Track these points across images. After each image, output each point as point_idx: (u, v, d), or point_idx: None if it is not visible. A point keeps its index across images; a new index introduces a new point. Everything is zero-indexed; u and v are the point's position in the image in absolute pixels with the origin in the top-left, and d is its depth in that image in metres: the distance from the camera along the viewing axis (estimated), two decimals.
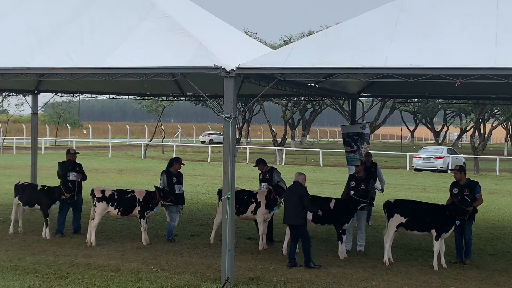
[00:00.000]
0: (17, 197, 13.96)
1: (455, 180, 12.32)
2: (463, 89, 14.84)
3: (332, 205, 12.39)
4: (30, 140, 20.03)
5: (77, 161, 14.43)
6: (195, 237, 13.90)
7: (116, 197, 12.96)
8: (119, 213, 13.00)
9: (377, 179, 15.21)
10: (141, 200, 12.95)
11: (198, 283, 9.94)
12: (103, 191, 13.01)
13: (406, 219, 11.85)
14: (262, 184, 13.62)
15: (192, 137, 75.19)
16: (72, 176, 14.11)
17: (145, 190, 13.23)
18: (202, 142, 66.22)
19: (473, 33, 9.56)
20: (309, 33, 44.25)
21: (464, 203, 11.73)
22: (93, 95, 20.49)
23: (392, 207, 12.03)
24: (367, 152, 15.85)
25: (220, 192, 13.08)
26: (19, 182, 14.34)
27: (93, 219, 12.90)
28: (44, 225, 13.57)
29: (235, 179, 10.10)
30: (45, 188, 13.91)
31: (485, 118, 44.26)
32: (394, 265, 11.65)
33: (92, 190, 13.15)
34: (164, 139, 52.29)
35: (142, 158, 43.15)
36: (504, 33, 9.34)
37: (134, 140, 62.84)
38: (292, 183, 11.59)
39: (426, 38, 9.67)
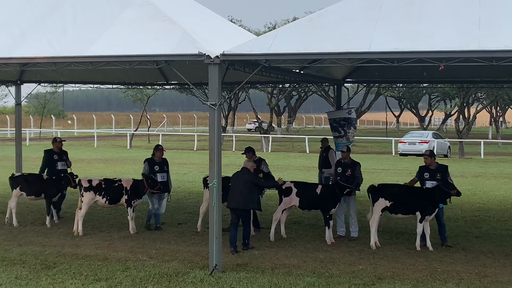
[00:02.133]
0: (18, 188, 13.84)
1: (423, 165, 12.41)
2: (447, 73, 14.88)
3: (318, 191, 12.44)
4: (14, 132, 19.86)
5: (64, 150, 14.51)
6: (183, 225, 13.90)
7: (103, 186, 12.92)
8: (106, 202, 12.96)
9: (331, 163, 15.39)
10: (128, 188, 12.93)
11: (186, 270, 9.95)
12: (90, 181, 12.96)
13: (390, 202, 11.93)
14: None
15: (178, 126, 75.00)
16: (60, 165, 14.28)
17: (132, 179, 13.20)
18: (249, 129, 68.09)
19: (457, 16, 9.57)
20: (294, 20, 44.15)
21: (448, 186, 11.83)
22: (77, 85, 20.35)
23: (376, 191, 12.11)
24: (323, 138, 15.97)
25: (205, 180, 13.07)
26: (19, 173, 14.26)
27: (80, 209, 12.85)
28: (49, 215, 13.75)
29: (221, 167, 10.10)
30: (53, 177, 13.99)
31: (470, 102, 44.47)
32: (381, 249, 11.74)
33: (79, 180, 13.10)
34: (149, 129, 52.11)
35: (128, 147, 43.00)
36: (487, 16, 9.35)
37: (120, 130, 62.58)
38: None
39: (409, 22, 9.68)
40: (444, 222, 12.33)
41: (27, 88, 20.73)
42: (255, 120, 70.83)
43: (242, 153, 13.82)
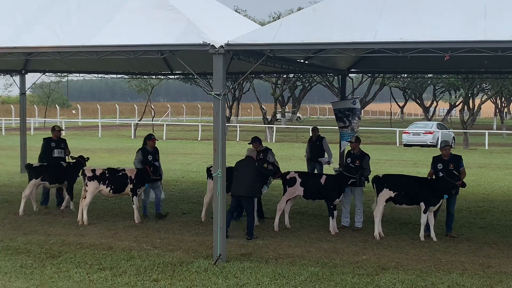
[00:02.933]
0: (39, 178, 13.91)
1: (437, 155, 12.39)
2: (452, 63, 14.84)
3: (323, 181, 12.44)
4: (18, 121, 19.91)
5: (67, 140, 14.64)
6: (187, 215, 13.93)
7: (107, 175, 12.97)
8: (111, 191, 13.00)
9: (325, 152, 15.59)
10: (133, 178, 12.98)
11: (190, 260, 9.98)
12: (93, 170, 13.00)
13: (395, 193, 11.93)
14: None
15: (182, 116, 75.00)
16: (57, 152, 14.52)
17: (136, 168, 13.22)
18: (297, 119, 69.71)
19: (462, 6, 9.52)
20: (299, 10, 44.02)
21: (453, 177, 11.81)
22: (81, 75, 20.40)
23: (380, 182, 12.10)
24: (314, 127, 16.10)
25: (209, 170, 13.08)
26: (38, 163, 14.36)
27: (85, 198, 12.89)
28: (70, 200, 14.31)
29: (225, 157, 10.10)
30: (71, 164, 14.35)
31: (474, 93, 44.32)
32: (385, 239, 11.75)
33: (83, 170, 13.14)
34: (154, 119, 52.14)
35: (132, 137, 43.03)
36: (493, 6, 9.30)
37: (124, 120, 62.64)
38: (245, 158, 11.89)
39: (415, 12, 9.63)
40: (454, 212, 12.29)
41: (32, 78, 20.80)
42: (292, 110, 73.15)
43: (249, 143, 13.83)
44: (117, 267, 9.58)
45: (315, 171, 15.26)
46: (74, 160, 14.47)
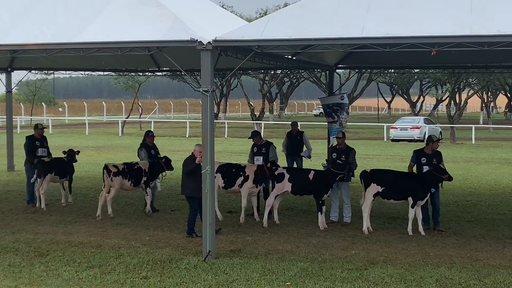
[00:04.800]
0: (52, 173, 14.13)
1: (419, 149, 12.47)
2: (439, 58, 14.90)
3: (311, 176, 12.47)
4: (5, 119, 19.77)
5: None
6: (176, 212, 13.91)
7: (126, 170, 13.36)
8: (131, 185, 13.40)
9: (304, 146, 15.66)
10: (147, 171, 13.42)
11: (180, 257, 9.97)
12: (116, 166, 13.37)
13: (382, 188, 11.98)
14: (256, 157, 13.53)
15: (170, 113, 74.81)
16: (40, 151, 14.50)
17: (148, 162, 13.57)
18: (315, 115, 70.97)
19: (449, 1, 9.55)
20: (285, 5, 43.99)
21: (439, 172, 11.88)
22: (67, 72, 20.30)
23: (368, 177, 12.15)
24: (293, 121, 16.22)
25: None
26: (46, 158, 14.44)
27: (108, 192, 13.25)
28: (69, 194, 14.64)
29: (214, 153, 10.09)
30: (66, 157, 14.58)
31: (461, 87, 44.56)
32: (373, 234, 11.80)
33: (106, 166, 13.41)
34: (141, 116, 51.96)
35: (120, 135, 42.87)
36: (479, 1, 9.35)
37: (111, 117, 62.38)
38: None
39: (401, 7, 9.66)
40: (439, 206, 12.39)
41: (18, 76, 20.65)
42: (320, 106, 74.11)
43: (249, 137, 13.90)
44: (106, 264, 9.55)
45: (294, 165, 15.33)
46: (66, 155, 14.55)
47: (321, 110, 72.91)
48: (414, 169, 12.48)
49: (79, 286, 8.57)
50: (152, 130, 14.44)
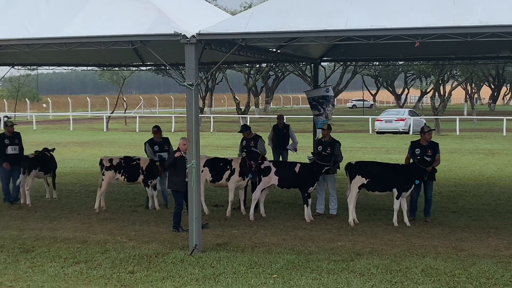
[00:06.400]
0: (37, 169, 14.11)
1: (415, 140, 12.52)
2: (422, 50, 14.99)
3: (297, 169, 12.49)
4: None
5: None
6: (162, 206, 13.86)
7: (123, 164, 13.27)
8: (125, 179, 13.32)
9: (290, 139, 15.67)
10: (144, 168, 13.20)
11: (166, 251, 9.96)
12: (111, 160, 13.29)
13: (367, 180, 12.03)
14: (245, 151, 13.51)
15: (155, 108, 74.55)
16: (10, 149, 14.18)
17: (150, 159, 13.35)
18: (350, 107, 77.35)
19: None
20: None
21: (424, 163, 11.95)
22: (51, 68, 20.11)
23: (353, 169, 12.20)
24: (279, 114, 16.27)
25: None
26: (34, 153, 14.39)
27: (101, 187, 13.20)
28: (53, 190, 14.70)
29: (199, 147, 10.07)
30: (47, 154, 14.58)
31: (445, 79, 44.80)
32: (359, 225, 11.85)
33: (101, 160, 13.40)
34: (126, 111, 51.73)
35: (105, 130, 42.66)
36: None
37: (96, 112, 62.05)
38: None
39: (385, 0, 9.69)
40: (431, 197, 12.45)
41: (1, 72, 20.45)
42: (353, 99, 75.90)
43: (239, 131, 13.88)
44: (92, 260, 9.52)
45: (280, 159, 15.36)
46: (33, 155, 14.30)
47: (354, 103, 76.51)
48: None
49: (65, 282, 8.53)
50: (157, 125, 14.12)
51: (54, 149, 14.99)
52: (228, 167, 12.83)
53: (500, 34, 8.96)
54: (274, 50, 14.39)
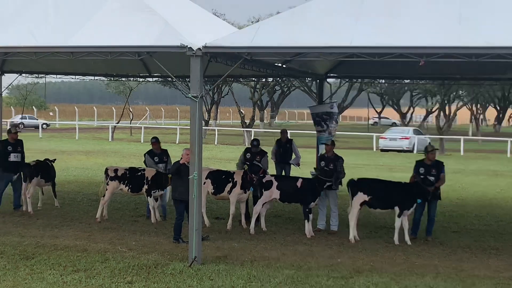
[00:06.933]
0: (38, 176, 14.15)
1: (420, 160, 12.49)
2: (428, 69, 15.00)
3: (299, 184, 12.49)
4: None
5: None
6: (163, 217, 13.86)
7: (128, 175, 13.26)
8: (129, 190, 13.33)
9: (293, 154, 15.71)
10: (149, 179, 13.17)
11: (166, 262, 9.95)
12: (116, 170, 13.31)
13: (369, 197, 12.01)
14: (247, 164, 13.50)
15: (161, 119, 74.67)
16: (13, 157, 14.16)
17: (156, 170, 13.33)
18: (371, 125, 76.00)
19: (437, 12, 9.65)
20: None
21: (426, 183, 11.93)
22: (58, 76, 20.21)
23: (355, 185, 12.19)
24: (283, 129, 16.33)
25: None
26: (36, 161, 14.43)
27: (104, 196, 13.26)
28: (55, 198, 14.71)
29: (201, 159, 10.10)
30: (47, 163, 14.57)
31: (451, 99, 44.80)
32: (360, 242, 11.82)
33: (106, 170, 13.45)
34: (132, 121, 51.85)
35: (110, 140, 42.76)
36: (468, 11, 9.43)
37: (102, 122, 62.21)
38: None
39: (391, 18, 9.73)
40: (434, 217, 12.40)
41: (9, 79, 20.53)
42: (376, 116, 75.80)
43: (250, 144, 14.07)
44: (92, 269, 9.52)
45: (283, 173, 15.37)
46: (34, 163, 14.33)
47: (376, 120, 75.78)
48: None
49: None
50: (156, 136, 14.16)
51: (55, 159, 15.01)
52: (230, 179, 12.85)
53: (505, 55, 8.99)
54: (280, 65, 14.45)
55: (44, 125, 54.33)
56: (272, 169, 15.32)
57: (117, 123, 49.31)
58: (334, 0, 10.46)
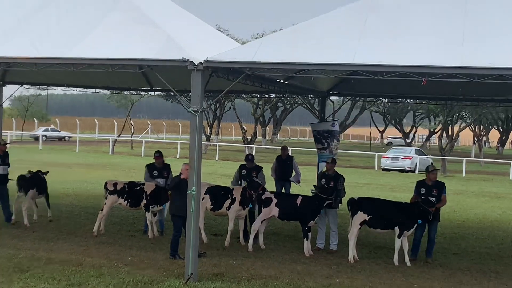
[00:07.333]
0: (34, 188, 14.08)
1: (421, 180, 12.37)
2: (431, 89, 14.95)
3: (298, 201, 12.38)
4: None
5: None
6: (160, 233, 13.73)
7: (126, 189, 13.18)
8: (128, 205, 13.23)
9: (294, 171, 15.58)
10: (148, 193, 13.06)
11: (161, 278, 9.81)
12: (115, 184, 13.24)
13: (369, 216, 11.88)
14: (247, 180, 13.40)
15: (162, 134, 74.68)
16: (1, 170, 14.07)
17: (155, 185, 13.22)
18: (386, 144, 75.56)
19: (441, 32, 9.60)
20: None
21: (427, 204, 11.80)
22: (60, 88, 20.18)
23: (355, 205, 12.06)
24: (283, 145, 16.22)
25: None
26: (28, 173, 14.31)
27: (102, 210, 13.20)
28: (48, 209, 14.53)
29: (200, 175, 10.00)
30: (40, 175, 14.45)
31: (453, 120, 44.75)
32: (359, 262, 11.67)
33: (106, 183, 13.38)
34: (133, 135, 51.82)
35: (110, 153, 42.69)
36: (471, 32, 9.39)
37: (103, 135, 62.20)
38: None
39: (394, 37, 9.69)
40: (435, 239, 12.27)
41: (10, 90, 20.51)
42: (390, 136, 75.73)
43: (245, 160, 14.02)
44: (86, 283, 9.38)
45: (283, 190, 15.26)
46: (30, 175, 14.23)
47: (390, 140, 75.33)
48: None
49: None
50: (160, 150, 14.06)
51: (47, 172, 14.77)
52: (229, 195, 12.74)
53: (508, 77, 8.91)
54: (282, 81, 14.39)
55: (67, 138, 55.45)
56: (271, 186, 15.23)
57: (118, 136, 49.28)
58: (337, 18, 10.44)
